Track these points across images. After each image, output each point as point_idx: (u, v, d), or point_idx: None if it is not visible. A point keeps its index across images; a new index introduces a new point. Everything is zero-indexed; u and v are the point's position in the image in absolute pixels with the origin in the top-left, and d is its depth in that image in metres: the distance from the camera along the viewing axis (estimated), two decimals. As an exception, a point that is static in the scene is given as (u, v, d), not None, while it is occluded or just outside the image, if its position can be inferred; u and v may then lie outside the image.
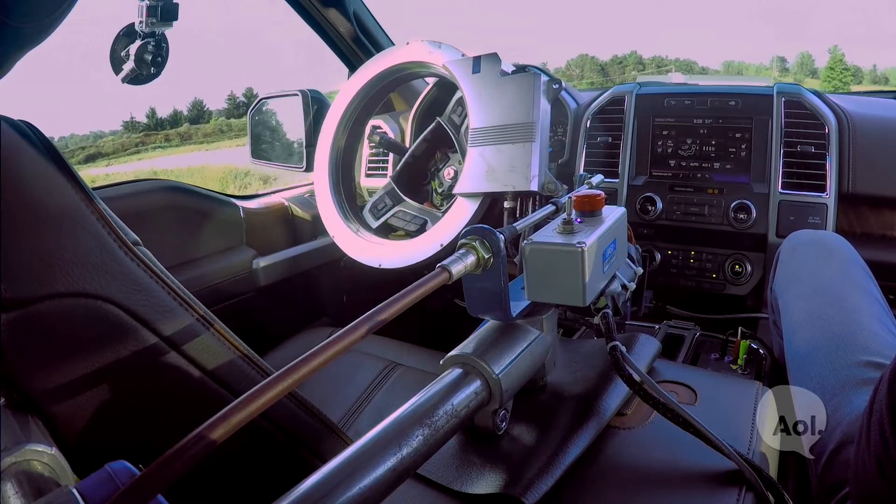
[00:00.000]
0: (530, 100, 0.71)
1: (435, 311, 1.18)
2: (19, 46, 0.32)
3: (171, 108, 30.75)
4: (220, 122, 29.64)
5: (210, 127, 29.65)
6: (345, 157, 0.98)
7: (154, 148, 29.72)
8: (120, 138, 32.26)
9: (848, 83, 28.39)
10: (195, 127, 29.70)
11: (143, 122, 35.16)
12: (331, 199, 0.95)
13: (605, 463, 0.46)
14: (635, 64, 40.41)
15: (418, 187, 0.98)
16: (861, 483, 0.39)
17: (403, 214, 0.92)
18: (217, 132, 28.64)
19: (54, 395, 0.33)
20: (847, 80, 28.93)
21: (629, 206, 1.10)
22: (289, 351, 0.92)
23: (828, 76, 29.40)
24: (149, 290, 0.35)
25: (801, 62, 36.55)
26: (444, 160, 0.97)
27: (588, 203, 0.49)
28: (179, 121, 30.68)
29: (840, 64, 29.60)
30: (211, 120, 29.83)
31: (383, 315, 0.32)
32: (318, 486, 0.30)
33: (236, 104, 30.95)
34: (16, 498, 0.25)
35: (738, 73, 40.17)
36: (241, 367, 0.39)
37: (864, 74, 33.25)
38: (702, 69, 42.83)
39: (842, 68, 29.35)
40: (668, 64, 38.88)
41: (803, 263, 0.75)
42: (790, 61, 36.99)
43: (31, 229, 0.31)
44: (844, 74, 29.13)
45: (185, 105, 32.78)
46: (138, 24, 0.80)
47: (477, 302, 0.45)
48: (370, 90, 0.94)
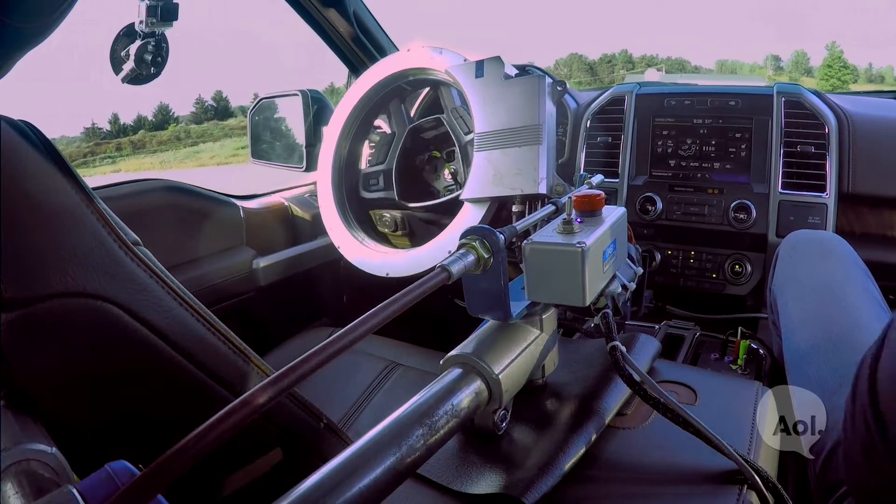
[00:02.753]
0: (536, 102, 0.71)
1: (435, 311, 1.18)
2: (19, 46, 0.32)
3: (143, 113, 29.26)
4: (178, 128, 28.29)
5: (166, 134, 28.13)
6: (348, 166, 0.98)
7: (103, 159, 28.31)
8: (69, 147, 30.91)
9: (847, 81, 28.25)
10: (151, 134, 28.34)
11: (104, 129, 33.63)
12: (335, 209, 0.95)
13: (605, 463, 0.46)
14: (625, 62, 40.04)
15: (415, 182, 0.98)
16: (853, 474, 0.39)
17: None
18: (173, 140, 27.38)
19: (54, 395, 0.33)
20: (846, 78, 28.76)
21: (629, 206, 1.11)
22: (289, 351, 0.92)
23: (825, 74, 29.22)
24: (149, 290, 0.35)
25: (795, 60, 36.47)
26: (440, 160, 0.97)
27: (588, 203, 0.49)
28: (143, 126, 29.37)
29: (839, 61, 29.43)
30: (169, 126, 28.55)
31: (383, 315, 0.32)
32: (318, 486, 0.30)
33: (204, 108, 29.78)
34: (16, 498, 0.25)
35: (732, 72, 39.93)
36: (241, 367, 0.39)
37: (860, 73, 33.16)
38: (694, 68, 42.53)
39: (840, 66, 29.19)
40: (659, 62, 38.59)
41: (802, 263, 0.75)
42: (785, 60, 36.85)
43: (31, 229, 0.31)
44: (843, 72, 28.96)
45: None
46: (138, 24, 0.80)
47: (477, 302, 0.45)
48: (372, 98, 0.94)
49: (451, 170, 0.96)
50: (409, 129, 0.93)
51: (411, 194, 0.94)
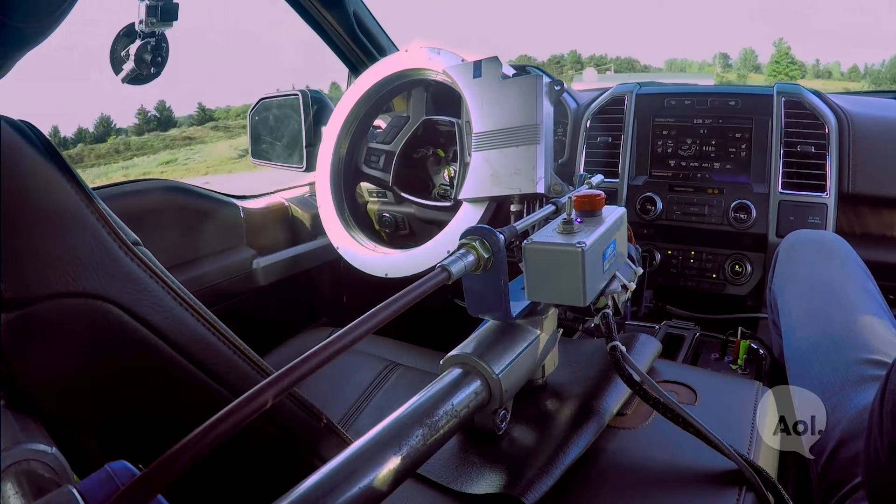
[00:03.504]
0: (533, 102, 0.71)
1: (435, 311, 1.18)
2: (19, 46, 0.32)
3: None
4: (117, 141, 27.09)
5: (105, 147, 26.48)
6: (346, 167, 0.98)
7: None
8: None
9: (795, 76, 28.37)
10: (89, 147, 27.20)
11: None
12: (333, 209, 0.95)
13: (605, 463, 0.46)
14: (573, 63, 39.50)
15: (414, 171, 0.98)
16: (874, 472, 0.39)
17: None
18: (112, 153, 26.12)
19: (54, 395, 0.33)
20: (793, 73, 28.79)
21: (629, 206, 1.10)
22: (289, 351, 0.92)
23: (773, 70, 29.23)
24: (149, 290, 0.35)
25: (744, 57, 36.26)
26: (443, 160, 0.97)
27: (588, 203, 0.49)
28: (84, 139, 28.31)
29: (786, 57, 29.53)
30: (108, 139, 27.52)
31: (383, 315, 0.32)
32: (318, 486, 0.30)
33: (147, 119, 28.63)
34: (16, 498, 0.25)
35: (682, 71, 39.64)
36: (241, 367, 0.39)
37: (807, 69, 33.20)
38: (644, 67, 41.92)
39: (788, 62, 29.30)
40: (607, 62, 38.16)
41: (802, 263, 0.75)
42: (733, 57, 36.82)
43: (30, 229, 0.31)
44: (790, 68, 29.08)
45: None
46: (138, 24, 0.80)
47: (477, 302, 0.45)
48: (370, 98, 0.94)
49: (451, 172, 0.96)
50: (423, 119, 0.93)
51: (406, 183, 0.94)
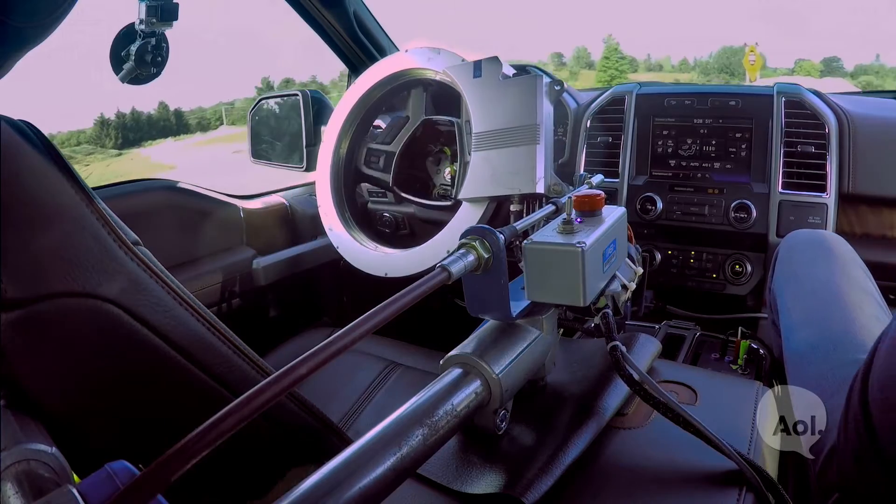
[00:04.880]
0: (533, 102, 0.71)
1: (435, 311, 1.18)
2: (19, 46, 0.32)
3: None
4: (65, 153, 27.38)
5: None
6: (346, 167, 0.98)
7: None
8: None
9: (625, 71, 28.76)
10: None
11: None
12: (333, 209, 0.95)
13: (605, 463, 0.46)
14: None
15: (414, 171, 0.98)
16: (843, 479, 0.39)
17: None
18: None
19: (54, 395, 0.33)
20: (624, 68, 29.19)
21: (629, 206, 1.11)
22: (289, 351, 0.92)
23: (604, 66, 29.58)
24: (149, 290, 0.35)
25: (577, 56, 36.95)
26: (444, 160, 0.97)
27: (588, 203, 0.49)
28: None
29: (616, 53, 29.96)
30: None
31: (383, 315, 0.32)
32: (318, 486, 0.30)
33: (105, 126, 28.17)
34: (16, 498, 0.25)
35: None
36: (241, 367, 0.39)
37: (639, 63, 33.89)
38: None
39: (618, 57, 29.73)
40: None
41: (801, 263, 0.75)
42: (567, 56, 37.37)
43: (31, 229, 0.31)
44: (621, 63, 29.50)
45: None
46: (138, 24, 0.80)
47: (477, 302, 0.45)
48: (371, 98, 0.94)
49: (453, 171, 0.96)
50: (423, 119, 0.93)
51: (406, 183, 0.94)
